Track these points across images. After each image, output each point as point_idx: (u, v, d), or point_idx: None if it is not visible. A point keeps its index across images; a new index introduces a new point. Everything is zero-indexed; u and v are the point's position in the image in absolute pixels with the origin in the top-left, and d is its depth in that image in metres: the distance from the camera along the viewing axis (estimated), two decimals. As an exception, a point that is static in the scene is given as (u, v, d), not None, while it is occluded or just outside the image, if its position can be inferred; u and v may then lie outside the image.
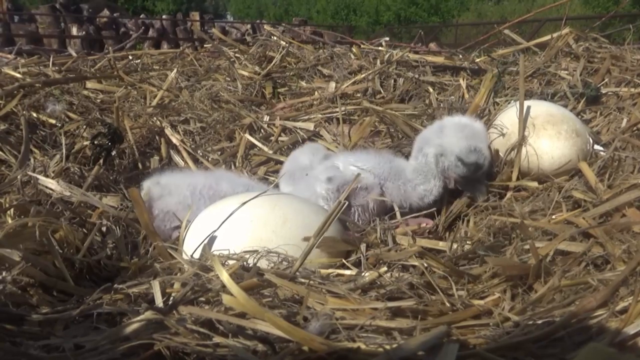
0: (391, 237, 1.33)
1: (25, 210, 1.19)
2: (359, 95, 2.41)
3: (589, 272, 1.10)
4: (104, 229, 1.30)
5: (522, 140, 1.68)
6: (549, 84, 2.27)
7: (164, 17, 15.22)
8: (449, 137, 1.54)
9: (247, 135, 2.03)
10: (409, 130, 1.92)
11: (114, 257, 1.22)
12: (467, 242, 1.37)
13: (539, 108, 1.76)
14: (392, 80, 2.47)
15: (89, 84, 2.27)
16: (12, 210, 1.19)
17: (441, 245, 1.33)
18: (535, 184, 1.65)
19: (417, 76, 2.46)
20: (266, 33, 3.05)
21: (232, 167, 1.94)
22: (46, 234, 1.06)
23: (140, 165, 1.85)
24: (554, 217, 1.43)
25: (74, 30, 9.90)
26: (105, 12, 11.14)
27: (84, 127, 1.85)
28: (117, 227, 1.30)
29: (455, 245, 1.32)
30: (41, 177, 1.40)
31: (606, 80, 2.21)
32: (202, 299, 0.96)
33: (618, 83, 2.17)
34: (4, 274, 0.97)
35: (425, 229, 1.46)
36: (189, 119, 2.13)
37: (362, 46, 2.96)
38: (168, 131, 2.00)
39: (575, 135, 1.69)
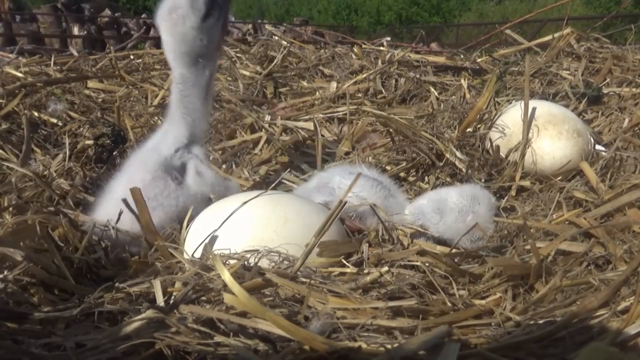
0: (392, 236, 1.33)
1: (25, 209, 1.19)
2: (360, 95, 2.41)
3: (590, 272, 1.10)
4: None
5: (525, 141, 1.68)
6: (550, 84, 2.27)
7: (165, 17, 15.19)
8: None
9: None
10: (410, 133, 1.91)
11: (114, 256, 1.22)
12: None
13: (540, 108, 1.76)
14: (394, 80, 2.47)
15: (90, 84, 2.27)
16: (11, 208, 1.19)
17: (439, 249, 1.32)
18: (536, 184, 1.65)
19: (418, 76, 2.46)
20: (267, 33, 3.05)
21: (234, 166, 1.94)
22: (45, 232, 1.06)
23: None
24: (555, 217, 1.43)
25: (76, 30, 9.90)
26: (107, 11, 11.13)
27: (86, 126, 1.85)
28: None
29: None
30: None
31: (608, 80, 2.21)
32: (204, 298, 0.96)
33: (619, 83, 2.17)
34: (5, 272, 0.97)
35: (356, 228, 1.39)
36: (190, 118, 2.13)
37: (363, 46, 2.96)
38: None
39: (576, 135, 1.69)
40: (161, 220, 1.27)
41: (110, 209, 1.25)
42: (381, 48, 2.87)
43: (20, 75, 2.07)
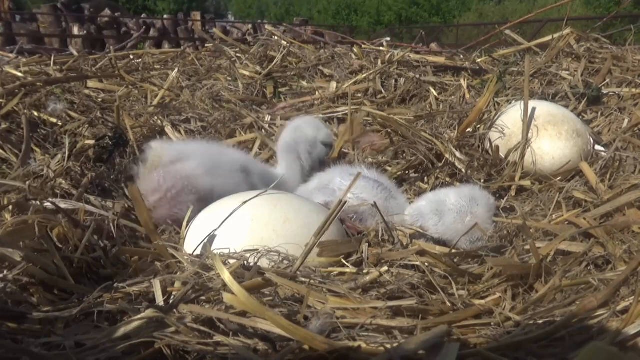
0: (392, 236, 1.33)
1: (25, 209, 1.19)
2: (359, 95, 2.41)
3: (589, 272, 1.10)
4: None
5: (525, 141, 1.69)
6: (550, 84, 2.27)
7: (165, 16, 15.26)
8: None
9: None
10: (409, 134, 1.91)
11: (113, 256, 1.22)
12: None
13: (540, 108, 1.76)
14: (393, 81, 2.47)
15: (90, 83, 2.27)
16: (11, 207, 1.19)
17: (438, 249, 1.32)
18: (536, 185, 1.65)
19: (418, 76, 2.46)
20: (267, 33, 3.05)
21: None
22: (45, 232, 1.06)
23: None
24: (554, 217, 1.43)
25: (76, 30, 9.91)
26: (107, 11, 11.14)
27: (86, 126, 1.85)
28: (114, 227, 1.30)
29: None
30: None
31: (607, 80, 2.21)
32: (203, 297, 0.96)
33: (619, 83, 2.17)
34: (5, 272, 0.97)
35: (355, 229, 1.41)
36: (190, 118, 2.13)
37: (363, 46, 2.96)
38: (169, 130, 2.00)
39: (576, 135, 1.69)
40: None
41: None
42: (381, 48, 2.87)
43: (20, 75, 2.07)
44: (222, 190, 1.38)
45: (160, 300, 0.96)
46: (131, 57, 2.80)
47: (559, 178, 1.64)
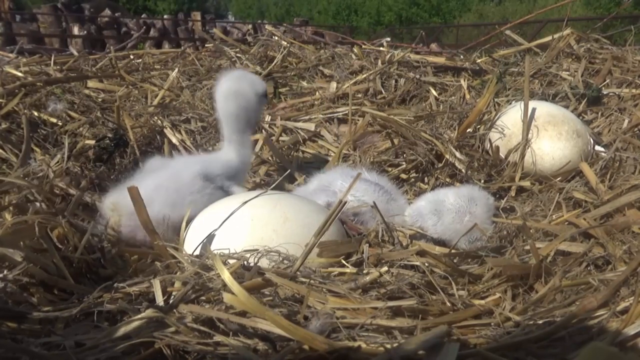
0: (392, 236, 1.33)
1: (24, 209, 1.19)
2: (360, 95, 2.41)
3: (589, 273, 1.10)
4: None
5: (525, 142, 1.69)
6: (550, 84, 2.27)
7: (165, 17, 15.26)
8: None
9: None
10: (410, 135, 1.91)
11: (113, 255, 1.22)
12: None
13: (540, 109, 1.76)
14: (393, 81, 2.47)
15: (90, 83, 2.27)
16: (11, 208, 1.19)
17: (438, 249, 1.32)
18: (536, 185, 1.65)
19: (418, 76, 2.46)
20: (267, 33, 3.05)
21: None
22: (45, 232, 1.06)
23: (141, 165, 1.85)
24: (554, 217, 1.43)
25: (76, 30, 9.91)
26: (107, 11, 11.14)
27: (86, 126, 1.85)
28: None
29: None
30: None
31: (607, 81, 2.21)
32: (203, 297, 0.96)
33: (619, 84, 2.18)
34: (5, 272, 0.97)
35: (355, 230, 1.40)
36: (190, 118, 2.13)
37: (363, 46, 2.97)
38: (169, 130, 2.00)
39: (576, 136, 1.69)
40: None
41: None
42: (381, 48, 2.87)
43: (20, 74, 2.07)
44: (195, 210, 1.32)
45: (160, 300, 0.96)
46: (131, 57, 2.80)
47: (559, 178, 1.64)
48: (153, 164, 1.50)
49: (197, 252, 1.17)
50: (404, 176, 1.78)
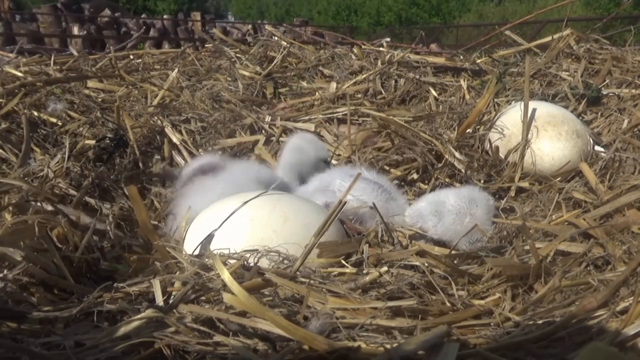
0: (392, 236, 1.33)
1: (24, 209, 1.19)
2: (359, 95, 2.41)
3: (589, 273, 1.10)
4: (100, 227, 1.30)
5: (525, 142, 1.69)
6: (550, 85, 2.27)
7: (165, 17, 15.26)
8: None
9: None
10: (409, 135, 1.91)
11: (113, 255, 1.22)
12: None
13: (539, 109, 1.76)
14: (393, 81, 2.47)
15: (90, 83, 2.27)
16: (10, 207, 1.19)
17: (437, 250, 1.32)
18: (536, 185, 1.65)
19: (418, 77, 2.46)
20: (267, 33, 3.05)
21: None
22: (45, 232, 1.06)
23: (141, 165, 1.85)
24: (554, 217, 1.43)
25: (75, 30, 9.91)
26: (107, 11, 11.14)
27: (86, 126, 1.85)
28: (110, 229, 1.30)
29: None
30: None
31: (607, 81, 2.21)
32: (203, 297, 0.96)
33: (619, 84, 2.18)
34: (5, 272, 0.97)
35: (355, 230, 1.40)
36: (190, 118, 2.13)
37: (363, 47, 2.97)
38: (169, 130, 2.00)
39: (575, 136, 1.69)
40: None
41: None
42: (381, 49, 2.87)
43: (20, 74, 2.07)
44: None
45: (160, 300, 0.96)
46: (131, 57, 2.80)
47: (558, 179, 1.64)
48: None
49: (197, 252, 1.17)
50: (403, 176, 1.78)
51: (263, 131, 2.12)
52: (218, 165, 1.60)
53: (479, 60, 2.65)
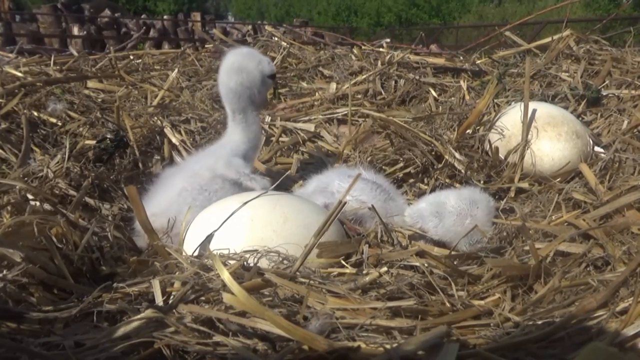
0: (392, 237, 1.33)
1: (23, 209, 1.19)
2: (359, 96, 2.41)
3: (589, 273, 1.10)
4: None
5: (525, 143, 1.69)
6: (549, 85, 2.28)
7: (165, 17, 15.23)
8: None
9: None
10: (409, 136, 1.91)
11: (113, 255, 1.22)
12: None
13: (539, 110, 1.76)
14: (393, 82, 2.47)
15: (90, 84, 2.27)
16: (9, 207, 1.19)
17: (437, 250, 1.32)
18: (535, 186, 1.65)
19: (418, 77, 2.47)
20: (267, 34, 3.05)
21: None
22: (44, 232, 1.06)
23: (140, 165, 1.85)
24: (554, 218, 1.43)
25: (75, 30, 9.90)
26: (107, 12, 11.14)
27: (86, 126, 1.85)
28: (109, 229, 1.30)
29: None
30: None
31: (607, 82, 2.22)
32: (203, 298, 0.96)
33: (619, 85, 2.18)
34: (4, 272, 0.97)
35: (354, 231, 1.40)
36: (189, 118, 2.13)
37: (363, 47, 2.97)
38: (168, 131, 2.00)
39: (575, 136, 1.69)
40: None
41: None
42: (381, 49, 2.87)
43: (20, 74, 2.07)
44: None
45: (159, 300, 0.96)
46: (131, 57, 2.80)
47: (558, 179, 1.64)
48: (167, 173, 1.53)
49: (196, 253, 1.17)
50: (403, 176, 1.78)
51: (263, 131, 2.12)
52: None
53: (478, 61, 2.66)
